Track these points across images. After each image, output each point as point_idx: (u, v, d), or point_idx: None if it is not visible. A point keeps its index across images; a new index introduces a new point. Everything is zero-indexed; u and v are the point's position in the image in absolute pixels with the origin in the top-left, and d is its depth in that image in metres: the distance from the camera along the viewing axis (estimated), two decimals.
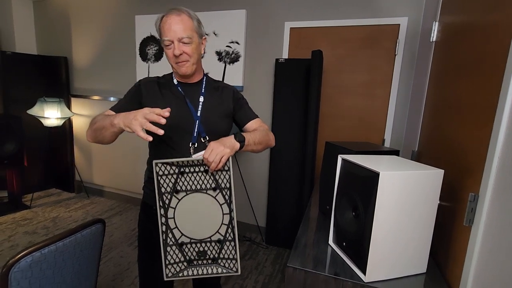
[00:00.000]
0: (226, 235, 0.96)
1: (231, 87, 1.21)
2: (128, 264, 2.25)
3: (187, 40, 1.00)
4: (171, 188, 0.91)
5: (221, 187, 0.93)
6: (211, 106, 1.11)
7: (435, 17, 1.56)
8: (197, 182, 0.93)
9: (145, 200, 1.18)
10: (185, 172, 0.92)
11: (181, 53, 1.00)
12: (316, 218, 1.32)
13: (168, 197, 0.92)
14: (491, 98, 0.77)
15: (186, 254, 0.97)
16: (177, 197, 0.92)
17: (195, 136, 1.06)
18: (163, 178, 0.91)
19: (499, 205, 0.69)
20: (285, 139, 2.50)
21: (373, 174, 0.81)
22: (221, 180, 0.93)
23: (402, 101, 2.25)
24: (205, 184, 0.93)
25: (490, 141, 0.74)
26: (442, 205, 0.95)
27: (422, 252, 0.90)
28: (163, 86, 1.11)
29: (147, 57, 3.03)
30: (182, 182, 0.92)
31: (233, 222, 0.96)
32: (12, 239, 2.49)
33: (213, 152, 0.87)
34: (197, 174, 0.92)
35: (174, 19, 0.98)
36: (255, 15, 2.60)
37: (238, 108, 1.19)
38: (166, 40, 0.99)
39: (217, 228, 0.96)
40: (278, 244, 2.66)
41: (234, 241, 0.97)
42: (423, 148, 1.51)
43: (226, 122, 1.16)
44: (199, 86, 1.12)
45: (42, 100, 3.09)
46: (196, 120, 1.06)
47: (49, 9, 3.51)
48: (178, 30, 0.98)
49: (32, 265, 0.84)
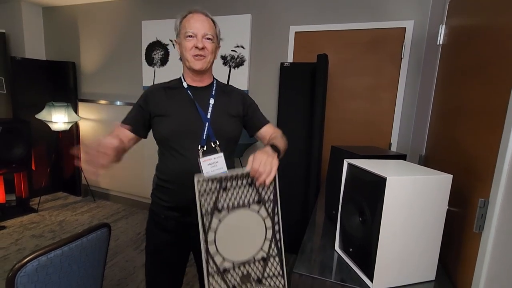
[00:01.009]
0: (269, 251, 0.89)
1: (241, 91, 1.20)
2: (134, 268, 2.25)
3: (210, 37, 1.02)
4: (211, 208, 0.81)
5: (265, 200, 0.87)
6: (221, 109, 1.10)
7: (441, 20, 1.54)
8: (239, 197, 0.84)
9: (153, 208, 1.14)
10: (227, 187, 0.82)
11: (203, 47, 1.01)
12: (322, 223, 1.30)
13: (209, 218, 0.81)
14: (500, 102, 0.75)
15: (229, 281, 0.86)
16: (219, 217, 0.82)
17: (204, 139, 1.04)
18: (204, 197, 0.80)
19: (510, 211, 0.67)
20: (291, 143, 2.46)
21: (380, 179, 0.80)
22: (264, 192, 0.86)
23: (409, 105, 2.23)
24: (247, 198, 0.84)
25: (500, 146, 0.72)
26: (450, 211, 0.93)
27: (430, 259, 0.88)
28: (171, 91, 1.09)
29: (153, 61, 3.07)
30: (223, 199, 0.82)
31: (277, 236, 0.89)
32: (19, 243, 2.51)
33: (263, 162, 0.82)
34: (240, 188, 0.83)
35: (201, 17, 1.02)
36: (260, 19, 2.61)
37: (251, 113, 1.18)
38: (190, 32, 1.00)
39: (261, 245, 0.87)
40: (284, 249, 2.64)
41: (279, 256, 0.90)
42: (431, 152, 1.49)
43: (236, 126, 1.14)
44: (209, 90, 1.12)
45: (50, 105, 3.13)
46: (205, 123, 1.04)
47: (58, 16, 3.58)
48: (203, 27, 1.01)
49: (39, 270, 0.84)
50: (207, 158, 1.02)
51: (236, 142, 1.17)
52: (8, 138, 2.87)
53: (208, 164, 1.03)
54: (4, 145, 2.85)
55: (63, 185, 3.74)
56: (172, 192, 1.06)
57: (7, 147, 2.88)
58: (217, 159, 1.04)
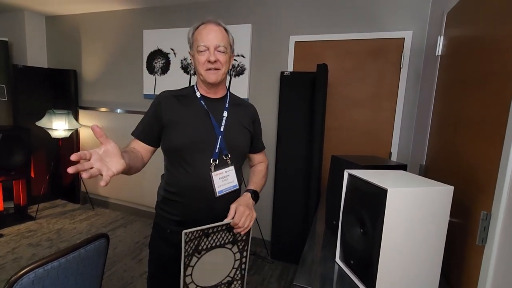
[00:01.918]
0: (234, 275, 1.02)
1: (252, 106, 1.21)
2: (132, 278, 2.22)
3: (223, 49, 1.00)
4: (193, 250, 0.91)
5: (238, 239, 0.99)
6: (234, 122, 1.08)
7: (440, 31, 1.56)
8: (217, 239, 0.94)
9: (157, 221, 1.12)
10: (209, 233, 0.92)
11: (216, 60, 0.99)
12: (323, 234, 1.29)
13: (189, 258, 0.91)
14: (500, 113, 0.75)
15: None
16: (197, 256, 0.93)
17: (217, 152, 1.02)
18: (188, 244, 0.89)
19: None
20: (291, 151, 2.48)
21: (381, 190, 0.79)
22: (238, 234, 0.98)
23: (409, 114, 2.24)
24: (223, 239, 0.96)
25: (501, 158, 0.72)
26: (452, 223, 0.92)
27: (433, 271, 0.86)
28: (183, 99, 1.06)
29: (154, 70, 3.09)
30: (204, 242, 0.93)
31: (243, 266, 1.02)
32: (16, 251, 2.48)
33: (243, 218, 0.93)
34: (219, 233, 0.94)
35: (213, 28, 0.99)
36: (260, 29, 2.64)
37: (254, 133, 1.18)
38: (201, 45, 0.97)
39: (228, 272, 1.00)
40: (283, 259, 2.61)
41: (242, 280, 1.03)
42: (431, 162, 1.49)
43: (247, 139, 1.13)
44: (223, 102, 1.10)
45: (51, 112, 3.14)
46: (218, 136, 1.02)
47: (60, 25, 3.62)
48: (215, 38, 0.98)
49: (35, 282, 0.83)
50: (219, 172, 1.02)
51: (246, 154, 1.18)
52: (8, 145, 2.86)
53: (220, 178, 1.02)
54: (3, 152, 2.84)
55: (62, 192, 3.72)
56: (180, 206, 1.04)
57: (7, 154, 2.87)
58: (228, 172, 1.04)
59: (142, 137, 1.05)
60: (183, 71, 2.95)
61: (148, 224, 3.21)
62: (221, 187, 1.03)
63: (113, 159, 0.73)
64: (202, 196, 1.02)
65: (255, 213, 0.99)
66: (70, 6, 3.24)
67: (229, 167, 1.05)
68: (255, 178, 1.16)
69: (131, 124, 3.95)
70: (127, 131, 3.71)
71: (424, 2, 2.11)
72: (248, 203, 1.00)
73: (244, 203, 0.98)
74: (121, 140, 1.05)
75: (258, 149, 1.24)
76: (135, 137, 1.06)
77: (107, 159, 0.73)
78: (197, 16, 2.85)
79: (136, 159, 0.96)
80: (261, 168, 1.23)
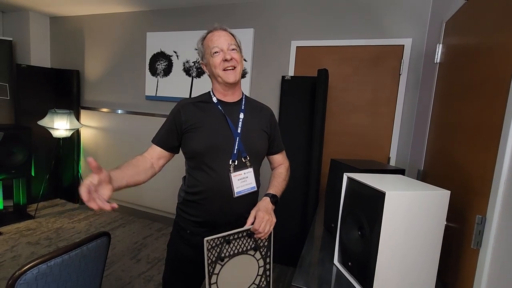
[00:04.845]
0: (260, 283, 1.04)
1: (269, 108, 1.23)
2: (130, 278, 2.22)
3: (235, 47, 1.05)
4: (215, 257, 0.93)
5: (260, 246, 1.01)
6: (251, 124, 1.10)
7: (439, 39, 1.59)
8: (239, 246, 0.96)
9: (178, 221, 1.14)
10: (230, 240, 0.94)
11: (232, 58, 1.03)
12: (321, 236, 1.31)
13: (213, 265, 0.93)
14: (496, 120, 0.77)
15: None
16: (221, 264, 0.94)
17: (235, 154, 1.04)
18: (210, 251, 0.91)
19: (507, 228, 0.68)
20: (290, 155, 2.47)
21: (379, 193, 0.81)
22: (260, 240, 1.00)
23: (407, 120, 2.26)
24: (246, 246, 0.98)
25: (496, 163, 0.74)
26: (448, 226, 0.94)
27: (429, 274, 0.88)
28: (201, 104, 1.10)
29: (157, 72, 3.11)
30: (226, 249, 0.94)
31: (267, 272, 1.04)
32: (15, 250, 2.49)
33: (263, 223, 0.95)
34: (240, 240, 0.96)
35: (222, 33, 1.05)
36: (262, 33, 2.68)
37: (273, 135, 1.20)
38: (215, 47, 1.02)
39: (253, 279, 1.02)
40: (281, 261, 2.62)
41: (267, 287, 1.05)
42: (429, 168, 1.51)
43: (264, 141, 1.15)
44: (239, 105, 1.13)
45: (53, 112, 3.16)
46: (236, 138, 1.05)
47: (64, 25, 3.66)
48: (226, 41, 1.04)
49: (38, 278, 0.84)
50: (238, 173, 1.04)
51: (263, 156, 1.20)
52: (9, 144, 2.88)
53: (239, 179, 1.05)
54: (4, 151, 2.85)
55: (62, 192, 3.73)
56: (201, 207, 1.06)
57: (8, 153, 2.88)
58: (247, 174, 1.07)
59: (160, 144, 1.09)
60: (185, 74, 2.97)
61: (146, 224, 3.21)
62: (239, 188, 1.05)
63: (104, 187, 0.80)
64: (220, 197, 1.04)
65: (274, 218, 1.01)
66: (74, 8, 3.27)
67: (248, 169, 1.07)
68: (274, 181, 1.19)
69: (132, 124, 3.92)
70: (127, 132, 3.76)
71: (423, 11, 2.14)
72: (267, 208, 1.01)
73: (263, 208, 1.00)
74: (121, 140, 1.07)
75: (277, 150, 1.25)
76: (155, 144, 1.09)
77: (99, 187, 0.79)
78: (200, 19, 2.88)
79: (137, 176, 1.02)
80: (281, 170, 1.25)
